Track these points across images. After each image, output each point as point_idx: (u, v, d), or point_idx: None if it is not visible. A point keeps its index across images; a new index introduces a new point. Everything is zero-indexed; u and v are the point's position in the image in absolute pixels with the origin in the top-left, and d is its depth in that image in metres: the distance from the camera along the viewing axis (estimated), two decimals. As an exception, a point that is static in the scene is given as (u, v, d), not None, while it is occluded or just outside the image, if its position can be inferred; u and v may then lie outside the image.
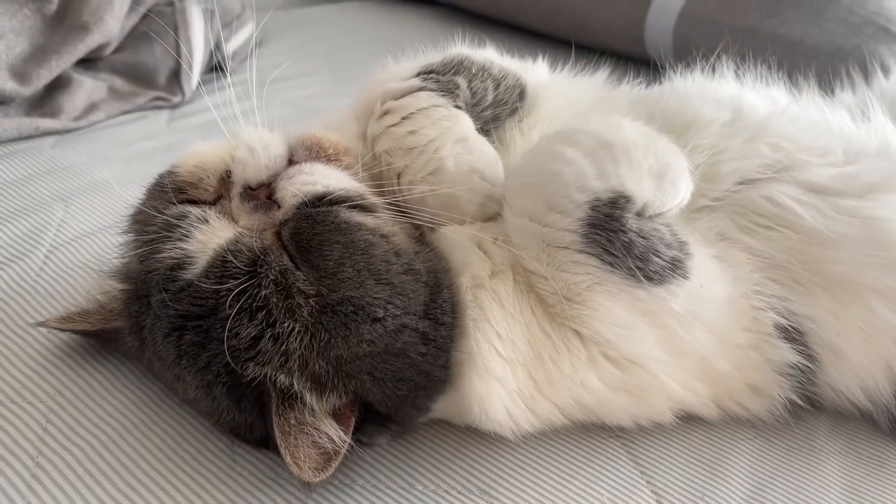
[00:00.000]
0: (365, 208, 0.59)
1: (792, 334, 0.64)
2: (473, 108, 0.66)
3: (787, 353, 0.64)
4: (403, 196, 0.63)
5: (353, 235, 0.55)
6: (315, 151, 0.62)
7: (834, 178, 0.65)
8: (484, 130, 0.65)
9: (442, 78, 0.66)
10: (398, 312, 0.55)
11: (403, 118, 0.63)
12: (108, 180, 1.00)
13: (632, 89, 0.79)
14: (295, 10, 1.90)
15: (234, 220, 0.59)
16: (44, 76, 1.14)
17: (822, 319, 0.65)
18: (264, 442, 0.59)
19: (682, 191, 0.58)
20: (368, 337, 0.54)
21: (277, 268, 0.54)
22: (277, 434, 0.55)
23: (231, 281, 0.54)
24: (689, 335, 0.60)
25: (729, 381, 0.65)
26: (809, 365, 0.65)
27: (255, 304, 0.53)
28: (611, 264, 0.56)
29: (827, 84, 0.87)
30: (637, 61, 0.81)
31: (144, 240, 0.59)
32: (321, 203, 0.57)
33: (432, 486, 0.61)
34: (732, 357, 0.64)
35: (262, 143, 0.61)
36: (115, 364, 0.69)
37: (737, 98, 0.72)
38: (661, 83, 0.80)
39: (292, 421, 0.55)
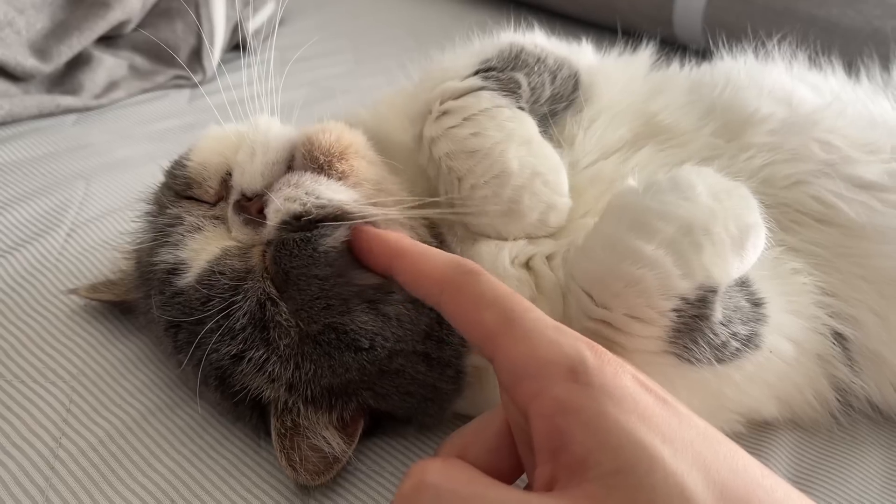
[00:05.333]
0: (352, 224, 0.53)
1: (845, 346, 0.62)
2: (532, 106, 0.62)
3: (842, 375, 0.62)
4: (462, 201, 0.59)
5: (332, 265, 0.51)
6: (311, 157, 0.56)
7: (882, 175, 0.63)
8: (542, 127, 0.61)
9: (502, 76, 0.61)
10: (387, 344, 0.52)
11: (465, 119, 0.59)
12: (129, 159, 0.99)
13: (681, 72, 0.75)
14: (317, -10, 1.88)
15: (229, 228, 0.57)
16: (65, 53, 1.12)
17: (866, 322, 0.62)
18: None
19: (761, 246, 0.52)
20: (356, 366, 0.52)
21: (255, 298, 0.51)
22: (273, 436, 0.54)
23: (215, 299, 0.52)
24: (742, 396, 0.57)
25: (774, 419, 0.64)
26: (855, 380, 0.63)
27: (235, 327, 0.52)
28: (689, 360, 0.51)
29: (863, 66, 0.84)
30: (665, 42, 0.78)
31: (148, 237, 0.59)
32: (300, 225, 0.52)
33: (462, 473, 0.59)
34: (784, 397, 0.62)
35: (263, 146, 0.56)
36: (138, 344, 0.68)
37: (788, 90, 0.69)
38: (709, 63, 0.77)
39: (288, 423, 0.54)
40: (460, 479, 0.39)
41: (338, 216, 0.52)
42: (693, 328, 0.50)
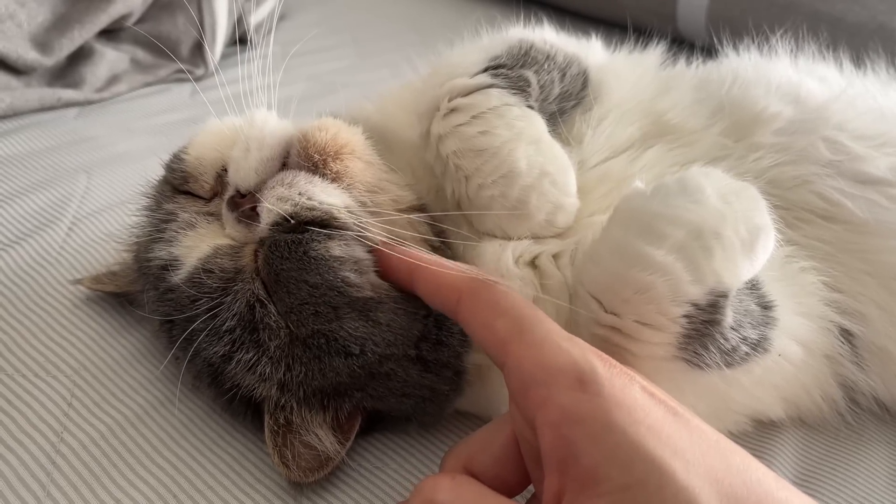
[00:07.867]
0: (342, 234, 0.52)
1: (853, 344, 0.62)
2: (541, 104, 0.61)
3: (849, 373, 0.62)
4: (469, 200, 0.58)
5: (323, 275, 0.50)
6: (306, 155, 0.56)
7: (887, 171, 0.62)
8: (551, 125, 0.60)
9: (511, 73, 0.60)
10: (377, 349, 0.52)
11: (473, 117, 0.57)
12: (131, 152, 0.98)
13: (688, 69, 0.74)
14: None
15: (223, 225, 0.56)
16: (66, 46, 1.12)
17: (872, 317, 0.62)
18: None
19: (771, 248, 0.51)
20: (346, 370, 0.52)
21: (245, 299, 0.51)
22: (266, 433, 0.54)
23: (204, 298, 0.52)
24: (750, 399, 0.57)
25: (780, 419, 0.64)
26: (862, 378, 0.63)
27: (223, 327, 0.51)
28: (698, 366, 0.50)
29: (869, 62, 0.83)
30: (670, 39, 0.78)
31: (144, 231, 0.59)
32: (292, 226, 0.52)
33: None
34: (792, 398, 0.62)
35: (258, 142, 0.56)
36: (140, 338, 0.67)
37: (795, 84, 0.68)
38: (715, 59, 0.76)
39: (281, 421, 0.54)
40: (470, 497, 0.39)
41: (327, 221, 0.52)
42: (704, 334, 0.49)
